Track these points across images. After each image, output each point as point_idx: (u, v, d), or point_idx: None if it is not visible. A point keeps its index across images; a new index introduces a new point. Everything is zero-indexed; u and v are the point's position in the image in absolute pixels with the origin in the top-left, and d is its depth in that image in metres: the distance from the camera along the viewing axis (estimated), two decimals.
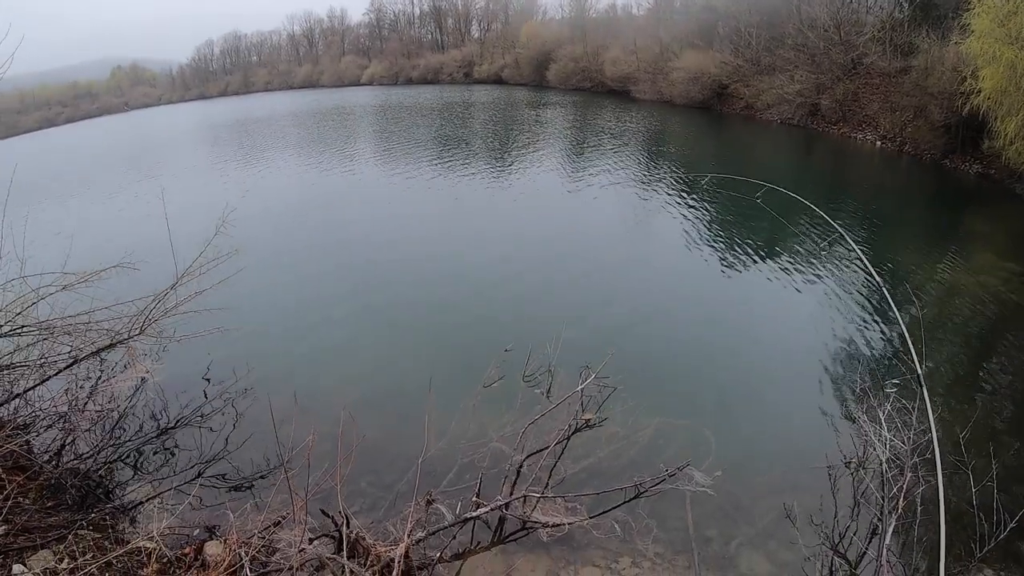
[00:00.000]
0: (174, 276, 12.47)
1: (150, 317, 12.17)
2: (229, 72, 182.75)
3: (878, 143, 40.46)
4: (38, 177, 50.22)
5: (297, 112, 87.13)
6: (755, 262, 20.45)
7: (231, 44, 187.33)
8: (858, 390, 12.63)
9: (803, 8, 50.76)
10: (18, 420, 11.44)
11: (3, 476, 8.81)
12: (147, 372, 13.61)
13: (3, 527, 8.03)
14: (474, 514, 8.96)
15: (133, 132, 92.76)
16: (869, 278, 18.89)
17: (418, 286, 19.90)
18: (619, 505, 9.64)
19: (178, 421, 12.94)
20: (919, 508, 9.29)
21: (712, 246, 22.14)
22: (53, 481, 10.03)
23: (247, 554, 7.83)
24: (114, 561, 7.89)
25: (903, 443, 9.75)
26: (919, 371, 12.87)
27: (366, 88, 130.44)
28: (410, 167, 38.77)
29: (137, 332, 12.09)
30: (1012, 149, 27.16)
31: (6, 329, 11.09)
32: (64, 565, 7.75)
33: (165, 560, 8.36)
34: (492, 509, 9.07)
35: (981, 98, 28.25)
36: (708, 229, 24.14)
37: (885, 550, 8.37)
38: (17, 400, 11.40)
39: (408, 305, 18.60)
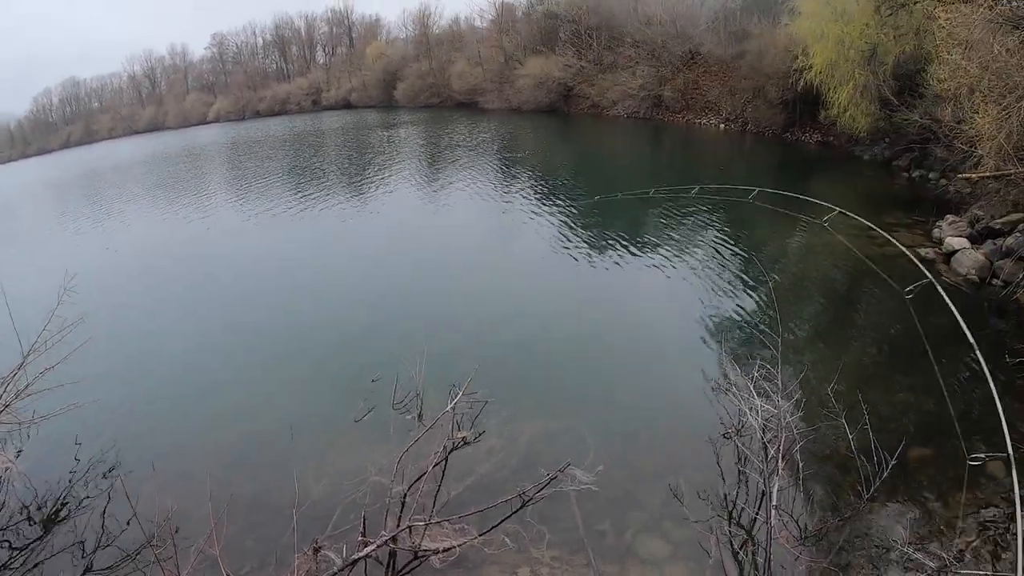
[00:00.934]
0: (20, 354, 11.84)
1: (2, 401, 11.55)
2: (70, 121, 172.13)
3: (722, 125, 42.52)
4: None
5: (144, 159, 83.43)
6: (614, 250, 21.09)
7: (70, 91, 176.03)
8: (727, 364, 13.14)
9: (640, 7, 52.65)
10: None
11: None
12: (9, 462, 12.85)
13: None
14: (361, 554, 8.78)
15: None
16: (723, 254, 19.72)
17: (274, 329, 19.15)
18: (507, 517, 9.63)
19: (51, 511, 12.16)
20: (800, 464, 9.74)
21: (571, 243, 22.67)
22: None
23: None
24: None
25: (774, 407, 10.17)
26: (777, 336, 13.47)
27: (214, 126, 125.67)
28: (264, 204, 37.09)
29: None
30: (846, 116, 29.37)
31: None
32: None
33: None
34: (379, 545, 8.91)
35: (813, 73, 30.42)
36: (566, 227, 24.73)
37: (773, 510, 8.74)
38: None
39: (267, 348, 17.89)
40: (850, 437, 9.90)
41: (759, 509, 9.41)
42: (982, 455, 9.49)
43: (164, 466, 11.94)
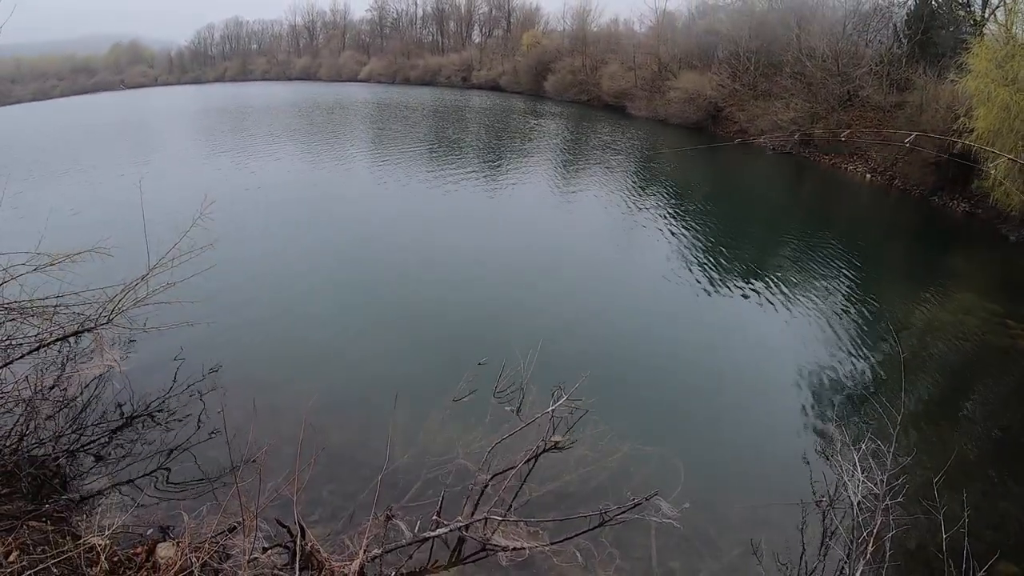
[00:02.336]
0: (147, 266, 12.22)
1: (120, 306, 11.93)
2: (228, 58, 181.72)
3: (868, 176, 40.69)
4: (23, 152, 49.56)
5: (295, 103, 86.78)
6: (739, 288, 20.39)
7: (232, 30, 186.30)
8: (834, 427, 12.60)
9: (803, 37, 51.17)
10: None
11: None
12: (114, 362, 13.33)
13: None
14: (433, 533, 8.78)
15: (128, 112, 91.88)
16: (850, 312, 18.91)
17: (396, 291, 19.70)
18: (583, 532, 9.45)
19: (141, 414, 12.66)
20: (888, 552, 9.18)
21: (698, 270, 22.05)
22: (8, 468, 9.79)
23: (199, 560, 7.61)
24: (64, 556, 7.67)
25: (875, 486, 9.65)
26: (896, 412, 12.81)
27: (363, 85, 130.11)
28: (403, 169, 38.57)
29: (106, 320, 11.85)
30: (1000, 190, 27.39)
31: None
32: (13, 558, 7.52)
33: (116, 559, 8.13)
34: (452, 529, 8.89)
35: (973, 137, 28.43)
36: (696, 252, 24.07)
37: None
38: None
39: (385, 310, 18.39)
40: (944, 536, 9.28)
41: None
42: None
43: (261, 399, 12.20)
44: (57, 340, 11.74)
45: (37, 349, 11.48)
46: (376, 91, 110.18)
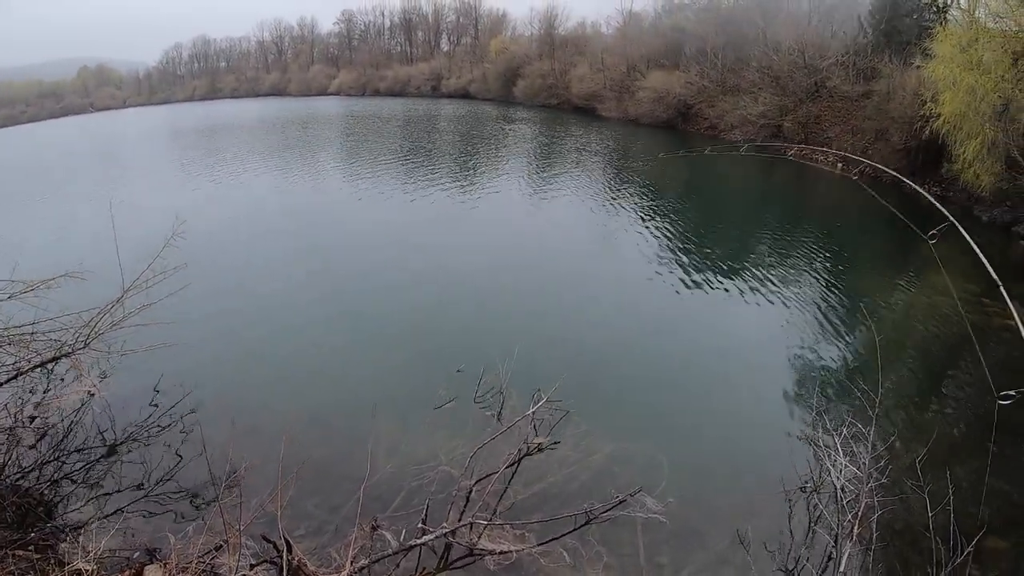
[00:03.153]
0: (121, 288, 12.17)
1: (96, 330, 11.87)
2: (196, 77, 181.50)
3: (839, 165, 41.00)
4: None
5: (264, 119, 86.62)
6: (715, 282, 20.56)
7: (200, 49, 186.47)
8: (814, 413, 12.68)
9: (769, 31, 51.51)
10: None
11: None
12: (94, 387, 13.17)
13: None
14: (419, 541, 8.77)
15: (95, 135, 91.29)
16: (826, 300, 19.09)
17: (372, 303, 19.69)
18: (569, 532, 9.42)
19: (124, 439, 12.62)
20: (875, 534, 9.28)
21: (673, 266, 22.18)
22: None
23: None
24: None
25: (858, 469, 9.76)
26: (874, 395, 12.94)
27: (333, 98, 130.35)
28: (375, 178, 38.66)
29: (83, 345, 11.75)
30: (970, 172, 27.77)
31: None
32: None
33: None
34: (438, 536, 8.88)
35: (941, 122, 28.83)
36: (670, 249, 24.21)
37: None
38: None
39: (361, 322, 18.37)
40: (930, 515, 9.34)
41: (824, 572, 9.02)
42: None
43: (241, 418, 12.25)
44: (35, 367, 11.63)
45: (15, 377, 11.38)
46: (347, 104, 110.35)
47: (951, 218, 13.05)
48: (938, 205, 13.94)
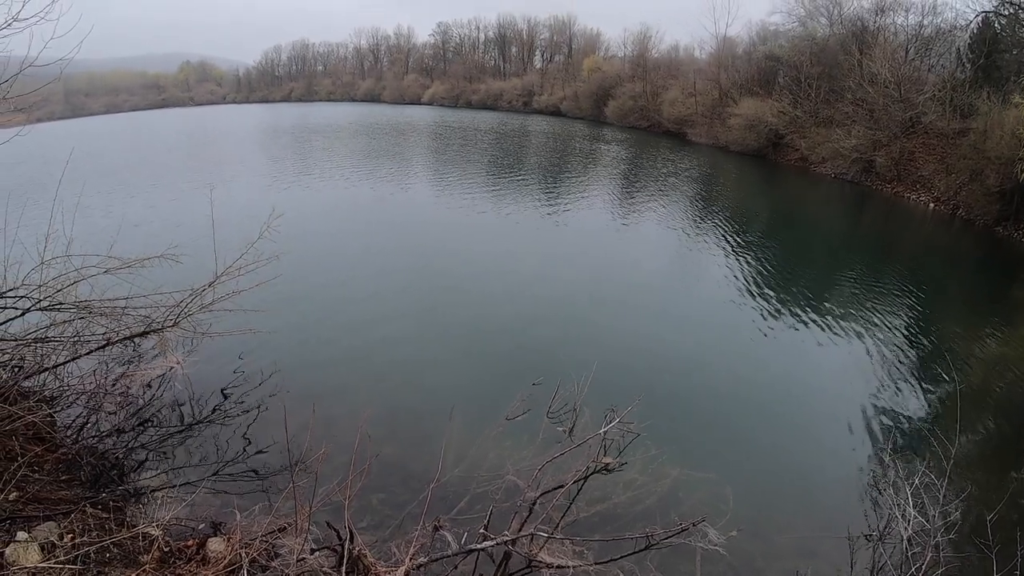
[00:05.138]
0: (214, 273, 12.57)
1: (186, 310, 12.27)
2: (294, 78, 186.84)
3: (931, 205, 39.80)
4: (97, 161, 51.40)
5: (360, 124, 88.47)
6: (797, 317, 20.14)
7: (298, 52, 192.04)
8: (887, 460, 12.34)
9: (865, 63, 50.22)
10: (44, 393, 11.58)
11: (23, 445, 8.90)
12: (177, 363, 13.61)
13: (14, 494, 8.08)
14: (479, 546, 8.80)
15: (198, 126, 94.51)
16: (909, 344, 18.56)
17: (454, 309, 20.02)
18: (628, 555, 9.32)
19: (200, 415, 13.10)
20: None
21: (756, 297, 21.86)
22: (70, 456, 10.14)
23: (247, 555, 7.76)
24: (115, 543, 7.87)
25: (927, 521, 9.45)
26: (951, 446, 12.53)
27: (426, 107, 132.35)
28: (464, 189, 39.50)
29: (171, 323, 12.18)
30: None
31: (44, 303, 11.22)
32: (66, 540, 7.75)
33: (167, 550, 8.32)
34: (498, 543, 8.89)
35: None
36: (755, 280, 23.84)
37: None
38: (46, 374, 11.57)
39: (444, 328, 18.68)
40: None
41: None
42: None
43: (319, 407, 12.38)
44: (123, 339, 12.08)
45: (103, 347, 11.84)
46: (440, 114, 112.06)
47: None
48: None
